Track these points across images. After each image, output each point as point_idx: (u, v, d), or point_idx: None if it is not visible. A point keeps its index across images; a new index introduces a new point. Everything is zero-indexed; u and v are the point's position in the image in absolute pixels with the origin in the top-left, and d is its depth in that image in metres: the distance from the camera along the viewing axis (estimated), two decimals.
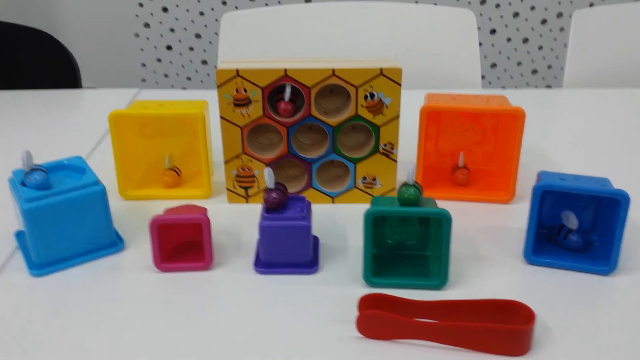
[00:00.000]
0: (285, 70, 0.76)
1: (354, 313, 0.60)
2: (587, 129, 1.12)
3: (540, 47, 2.45)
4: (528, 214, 0.70)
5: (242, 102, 0.78)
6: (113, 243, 0.73)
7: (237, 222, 0.80)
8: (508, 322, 0.59)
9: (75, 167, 0.74)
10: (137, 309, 0.64)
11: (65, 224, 0.69)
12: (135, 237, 0.76)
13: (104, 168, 0.85)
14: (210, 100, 0.86)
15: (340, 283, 0.68)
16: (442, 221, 0.64)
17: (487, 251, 0.74)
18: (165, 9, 2.33)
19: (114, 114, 0.80)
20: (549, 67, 2.49)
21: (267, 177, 0.68)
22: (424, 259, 0.71)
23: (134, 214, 0.82)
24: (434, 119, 0.89)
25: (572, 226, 0.72)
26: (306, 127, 0.82)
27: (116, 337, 0.60)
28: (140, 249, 0.74)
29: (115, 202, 0.84)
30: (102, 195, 0.70)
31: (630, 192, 0.66)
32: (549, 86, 2.53)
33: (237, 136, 0.80)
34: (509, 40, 2.43)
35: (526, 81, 2.52)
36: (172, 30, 2.37)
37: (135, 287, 0.68)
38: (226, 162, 0.82)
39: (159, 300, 0.66)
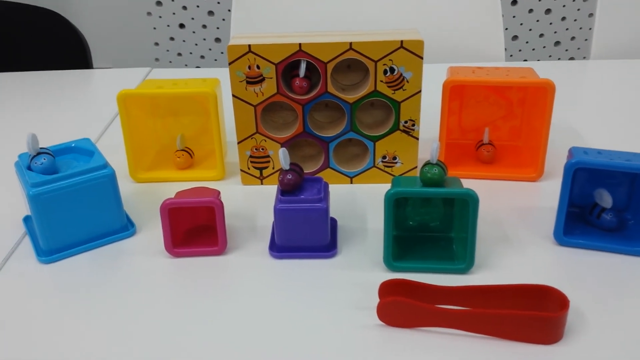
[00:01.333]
0: (300, 45, 0.72)
1: (374, 299, 0.57)
2: (616, 102, 1.07)
3: (564, 18, 2.37)
4: (559, 193, 0.65)
5: (255, 80, 0.75)
6: (124, 227, 0.71)
7: (251, 204, 0.77)
8: (540, 309, 0.56)
9: (84, 150, 0.71)
10: (149, 295, 0.62)
11: (73, 209, 0.66)
12: (147, 221, 0.74)
13: (115, 150, 0.83)
14: (223, 79, 0.83)
15: (360, 267, 0.65)
16: (469, 202, 0.60)
17: (515, 232, 0.70)
18: None
19: (123, 93, 0.77)
20: (572, 38, 2.41)
21: (282, 157, 0.64)
22: (448, 241, 0.67)
23: (146, 197, 0.79)
24: (457, 93, 0.85)
25: (606, 205, 0.68)
26: (322, 105, 0.79)
27: (127, 325, 0.58)
28: (152, 233, 0.71)
29: (127, 185, 0.81)
30: (111, 178, 0.67)
31: None
32: (572, 58, 2.45)
33: (250, 115, 0.77)
34: (530, 11, 2.35)
35: (549, 53, 2.44)
36: (184, 7, 2.33)
37: (147, 273, 0.65)
38: (239, 142, 0.79)
39: (171, 286, 0.64)
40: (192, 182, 0.81)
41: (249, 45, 0.72)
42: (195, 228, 0.70)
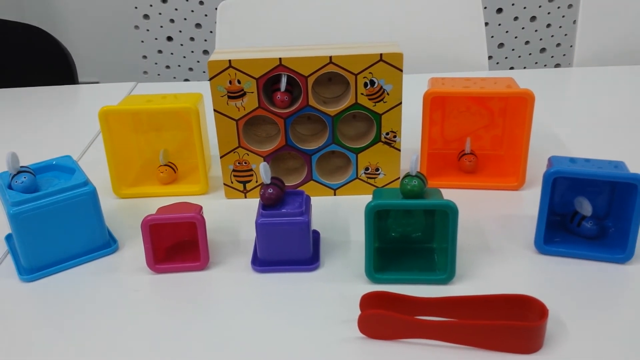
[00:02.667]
0: (280, 59, 0.73)
1: (356, 312, 0.57)
2: (599, 110, 1.08)
3: (549, 25, 2.39)
4: (539, 202, 0.66)
5: (236, 94, 0.75)
6: (106, 244, 0.70)
7: (234, 218, 0.77)
8: (519, 318, 0.56)
9: (65, 167, 0.71)
10: (132, 311, 0.62)
11: (55, 227, 0.66)
12: (130, 236, 0.74)
13: (99, 165, 0.83)
14: (209, 92, 0.83)
15: (342, 280, 0.65)
16: (448, 213, 0.60)
17: (497, 241, 0.71)
18: (164, 0, 2.30)
19: (104, 110, 0.77)
20: (558, 45, 2.43)
21: (262, 172, 0.65)
22: (429, 252, 0.68)
23: (129, 213, 0.79)
24: (438, 104, 0.86)
25: (586, 213, 0.68)
26: (304, 118, 0.79)
27: (110, 342, 0.58)
28: (135, 249, 0.71)
29: (110, 201, 0.81)
30: (92, 196, 0.67)
31: None
32: (558, 64, 2.47)
33: (232, 129, 0.77)
34: (516, 19, 2.37)
35: (535, 60, 2.46)
36: (172, 20, 2.34)
37: (130, 290, 0.65)
38: (222, 156, 0.79)
39: (154, 303, 0.64)
40: (175, 197, 0.81)
41: (230, 61, 0.73)
42: (177, 243, 0.70)
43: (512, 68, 2.47)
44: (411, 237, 0.69)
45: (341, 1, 1.32)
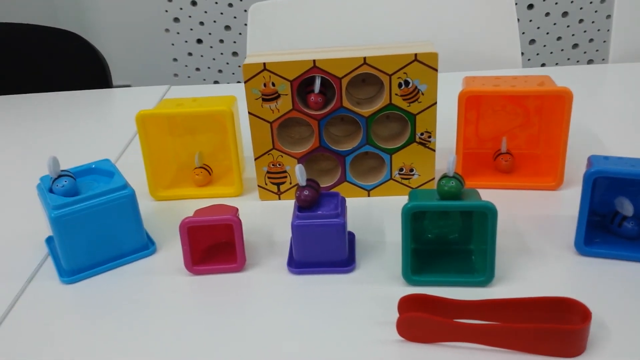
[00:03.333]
0: (314, 61, 0.73)
1: (394, 314, 0.57)
2: (636, 107, 1.05)
3: (581, 20, 2.34)
4: (579, 202, 0.65)
5: (270, 97, 0.75)
6: (144, 246, 0.71)
7: (269, 220, 0.77)
8: (561, 321, 0.55)
9: (104, 171, 0.72)
10: (170, 313, 0.63)
11: (95, 230, 0.67)
12: (167, 238, 0.74)
13: (136, 168, 0.84)
14: (240, 94, 0.84)
15: (379, 282, 0.65)
16: (487, 215, 0.60)
17: (535, 242, 0.69)
18: (194, 3, 2.32)
19: (141, 114, 0.78)
20: (591, 40, 2.38)
21: (298, 174, 0.65)
22: (467, 254, 0.67)
23: (166, 215, 0.80)
24: (473, 103, 0.85)
25: (627, 213, 0.67)
26: (338, 119, 0.79)
27: (150, 343, 0.59)
28: (172, 251, 0.72)
29: (147, 203, 0.82)
30: (131, 199, 0.68)
31: None
32: (591, 60, 2.42)
33: (266, 131, 0.77)
34: (547, 14, 2.33)
35: (567, 56, 2.42)
36: (201, 23, 2.36)
37: (168, 291, 0.66)
38: (256, 158, 0.79)
39: (192, 304, 0.65)
40: (211, 199, 0.82)
41: (264, 64, 0.73)
42: (214, 245, 0.71)
43: (543, 64, 2.44)
44: (448, 238, 0.69)
45: (372, 1, 1.32)
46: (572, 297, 0.56)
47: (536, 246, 0.69)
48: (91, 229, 0.67)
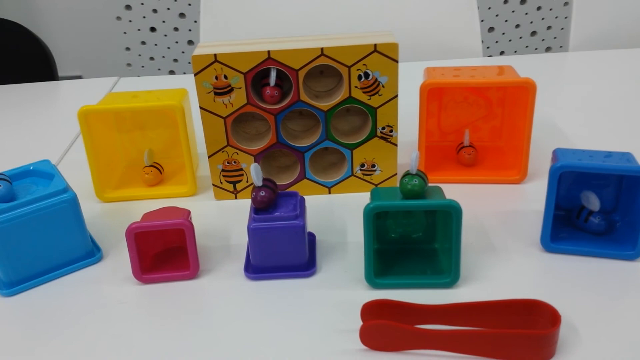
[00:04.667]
0: (269, 52, 0.69)
1: (356, 321, 0.54)
2: (597, 95, 1.04)
3: (539, 8, 2.35)
4: (545, 198, 0.63)
5: (223, 90, 0.71)
6: (89, 254, 0.67)
7: (225, 221, 0.73)
8: (530, 325, 0.53)
9: (43, 173, 0.67)
10: (119, 325, 0.58)
11: (34, 237, 0.62)
12: (115, 244, 0.70)
13: (81, 167, 0.79)
14: (194, 85, 0.79)
15: (341, 286, 0.62)
16: (452, 214, 0.57)
17: (501, 239, 0.67)
18: None
19: (84, 109, 0.73)
20: (549, 27, 2.39)
21: (253, 174, 0.61)
22: (431, 253, 0.64)
23: (113, 218, 0.75)
24: (435, 95, 0.82)
25: (594, 207, 0.65)
26: (296, 113, 0.75)
27: (97, 356, 0.54)
28: (120, 257, 0.67)
29: (93, 205, 0.77)
30: (73, 203, 0.63)
31: None
32: (549, 48, 2.44)
33: (220, 127, 0.73)
34: (506, 2, 2.33)
35: (525, 44, 2.42)
36: (154, 11, 2.27)
37: (116, 301, 0.61)
38: (210, 156, 0.75)
39: (142, 315, 0.60)
40: (162, 199, 0.78)
41: (215, 55, 0.69)
42: (165, 250, 0.66)
43: (502, 52, 2.44)
44: (412, 237, 0.66)
45: None
46: (541, 298, 0.54)
47: (501, 243, 0.67)
48: (30, 237, 0.62)
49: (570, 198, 0.68)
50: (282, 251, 0.62)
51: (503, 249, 0.66)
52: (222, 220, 0.74)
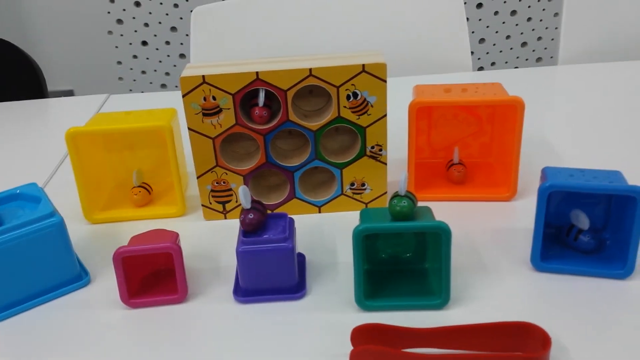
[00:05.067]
0: (257, 74, 0.69)
1: (347, 344, 0.54)
2: (587, 109, 1.05)
3: (529, 19, 2.37)
4: (534, 217, 0.63)
5: (211, 111, 0.71)
6: (77, 277, 0.66)
7: (214, 242, 0.73)
8: (521, 347, 0.53)
9: (30, 196, 0.66)
10: (106, 351, 0.58)
11: (21, 262, 0.61)
12: (103, 266, 0.69)
13: (70, 188, 0.78)
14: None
15: (331, 308, 0.61)
16: (441, 235, 0.57)
17: (491, 258, 0.67)
18: (137, 3, 2.24)
19: (71, 131, 0.73)
20: (539, 38, 2.41)
21: (242, 196, 0.61)
22: (422, 274, 0.64)
23: (102, 240, 0.74)
24: (424, 113, 0.82)
25: (583, 226, 0.65)
26: (285, 133, 0.75)
27: None
28: (109, 280, 0.67)
29: (81, 227, 0.77)
30: (60, 228, 0.62)
31: None
32: (539, 59, 2.45)
33: (208, 148, 0.73)
34: (496, 13, 2.34)
35: (516, 55, 2.44)
36: (146, 24, 2.28)
37: (103, 327, 0.61)
38: (199, 176, 0.74)
39: (130, 340, 0.60)
40: (151, 220, 0.77)
41: (203, 76, 0.68)
42: (153, 273, 0.66)
43: (493, 63, 2.45)
44: (402, 257, 0.66)
45: (319, 8, 1.28)
46: (531, 320, 0.54)
47: (491, 262, 0.67)
48: (17, 261, 0.61)
49: (559, 216, 0.68)
50: (272, 274, 0.61)
51: (493, 268, 0.66)
52: (211, 241, 0.73)
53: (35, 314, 0.63)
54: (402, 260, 0.66)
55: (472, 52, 1.95)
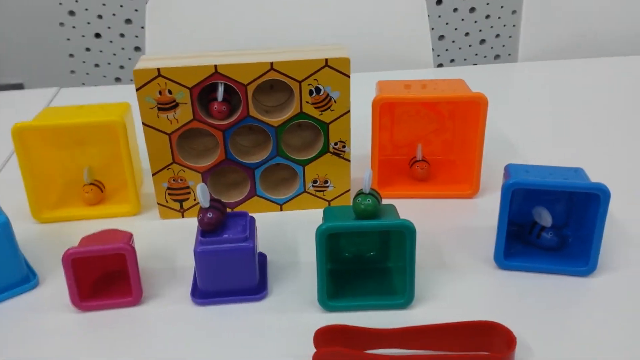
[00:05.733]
0: (216, 67, 0.66)
1: (310, 346, 0.52)
2: (547, 106, 1.06)
3: (488, 16, 2.39)
4: (498, 215, 0.62)
5: (167, 106, 0.68)
6: (24, 279, 0.62)
7: (171, 241, 0.70)
8: (486, 347, 0.52)
9: None
10: (56, 356, 0.55)
11: None
12: (52, 268, 0.65)
13: (17, 185, 0.74)
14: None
15: (293, 309, 0.59)
16: (405, 234, 0.56)
17: (454, 257, 0.67)
18: None
19: (18, 127, 0.69)
20: (497, 35, 2.44)
21: (200, 195, 0.58)
22: (385, 273, 0.63)
23: (51, 240, 0.71)
24: (387, 109, 0.81)
25: (546, 223, 0.65)
26: (245, 128, 0.73)
27: None
28: (58, 282, 0.63)
29: (28, 226, 0.73)
30: (5, 228, 0.59)
31: (605, 181, 0.60)
32: (498, 56, 2.48)
33: (164, 144, 0.70)
34: (455, 10, 2.36)
35: (475, 52, 2.46)
36: (99, 16, 2.20)
37: (53, 331, 0.58)
38: (154, 174, 0.71)
39: (81, 345, 0.57)
40: (104, 219, 0.74)
41: (158, 69, 0.65)
42: (106, 274, 0.63)
43: (452, 60, 2.47)
44: (365, 256, 0.64)
45: (282, 0, 1.26)
46: (496, 318, 0.53)
47: (455, 261, 0.66)
48: None
49: (522, 213, 0.68)
50: (231, 274, 0.59)
51: (457, 266, 0.65)
52: (167, 241, 0.70)
53: None
54: (366, 259, 0.64)
55: (432, 49, 1.95)
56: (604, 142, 0.91)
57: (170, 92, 0.67)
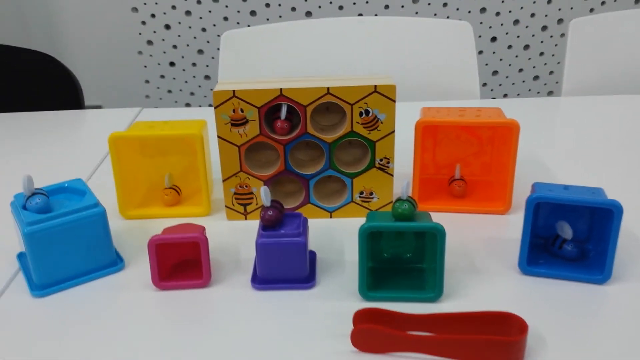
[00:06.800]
0: (281, 90, 0.78)
1: (349, 327, 0.61)
2: (584, 137, 1.12)
3: (542, 54, 2.45)
4: (522, 225, 0.70)
5: (239, 122, 0.80)
6: (113, 263, 0.74)
7: (235, 239, 0.81)
8: (501, 333, 0.60)
9: (76, 190, 0.75)
10: (137, 327, 0.66)
11: (66, 245, 0.70)
12: (135, 256, 0.77)
13: (106, 188, 0.87)
14: (211, 117, 0.87)
15: (337, 297, 0.69)
16: (436, 235, 0.65)
17: (483, 262, 0.75)
18: (167, 27, 2.36)
19: (114, 136, 0.82)
20: (551, 72, 2.49)
21: (263, 195, 0.69)
22: (419, 272, 0.72)
23: (135, 233, 0.83)
24: (430, 132, 0.90)
25: (567, 236, 0.72)
26: (303, 144, 0.84)
27: (117, 356, 0.61)
28: (140, 267, 0.75)
29: (116, 222, 0.85)
30: (102, 217, 0.71)
31: (624, 201, 0.67)
32: (551, 92, 2.53)
33: (234, 155, 0.81)
34: (509, 47, 2.43)
35: (528, 87, 2.52)
36: (174, 47, 2.40)
37: (135, 306, 0.69)
38: (224, 180, 0.83)
39: (158, 318, 0.68)
40: (179, 218, 0.85)
41: (234, 91, 0.78)
42: (181, 262, 0.74)
43: (506, 95, 2.53)
44: (402, 258, 0.73)
45: (338, 34, 1.38)
46: (512, 312, 0.61)
47: (483, 266, 0.74)
48: (62, 244, 0.70)
49: (547, 227, 0.75)
50: (286, 265, 0.69)
51: (484, 270, 0.73)
52: (232, 238, 0.81)
53: (75, 292, 0.71)
54: (403, 260, 0.73)
55: (485, 84, 2.02)
56: (629, 170, 0.97)
57: (242, 110, 0.79)
